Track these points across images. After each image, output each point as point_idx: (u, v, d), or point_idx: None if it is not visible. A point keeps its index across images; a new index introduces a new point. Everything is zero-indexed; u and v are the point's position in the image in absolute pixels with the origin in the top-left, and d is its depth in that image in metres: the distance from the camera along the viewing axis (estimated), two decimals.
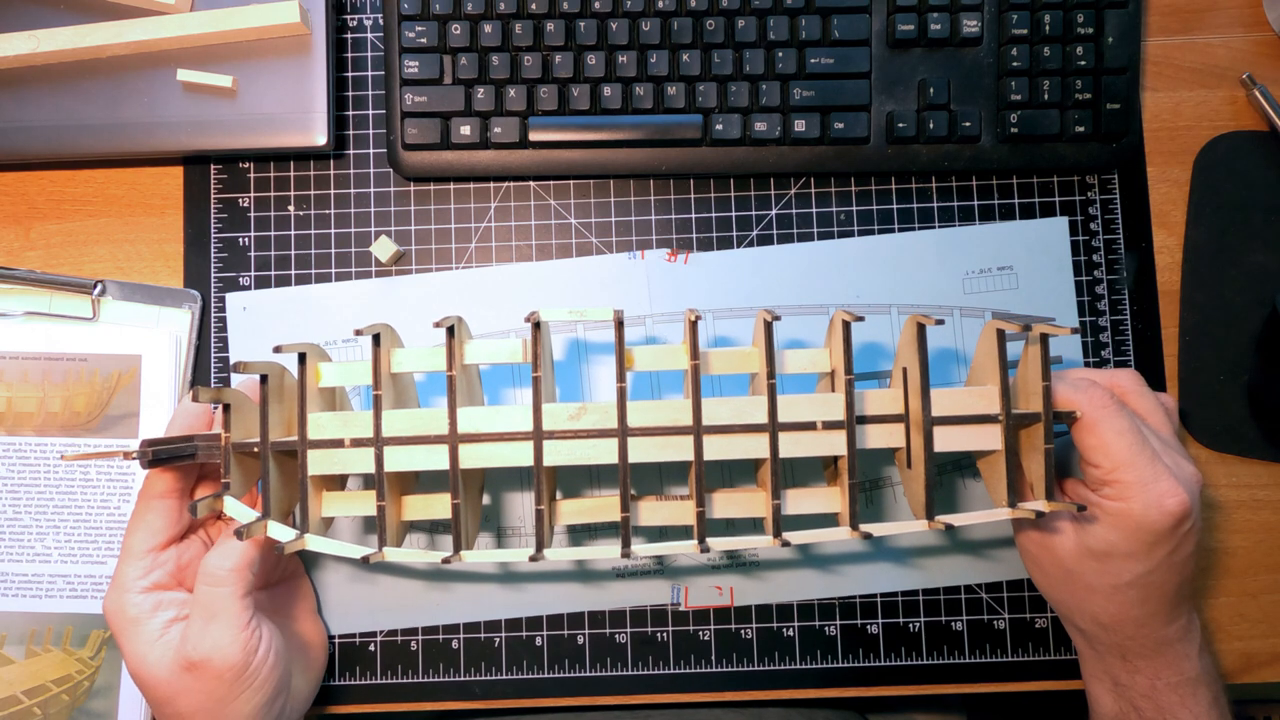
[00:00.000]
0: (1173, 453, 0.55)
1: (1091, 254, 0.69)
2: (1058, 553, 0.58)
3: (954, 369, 0.68)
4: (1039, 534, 0.59)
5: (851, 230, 0.70)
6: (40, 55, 0.66)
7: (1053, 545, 0.58)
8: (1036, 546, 0.59)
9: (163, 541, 0.56)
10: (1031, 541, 0.60)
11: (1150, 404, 0.58)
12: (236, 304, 0.69)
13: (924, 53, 0.68)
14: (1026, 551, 0.61)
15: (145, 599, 0.55)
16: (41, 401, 0.67)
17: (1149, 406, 0.58)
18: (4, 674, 0.66)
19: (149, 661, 0.54)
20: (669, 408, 0.55)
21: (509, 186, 0.70)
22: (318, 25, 0.68)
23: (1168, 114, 0.71)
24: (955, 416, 0.55)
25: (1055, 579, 0.59)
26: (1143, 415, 0.57)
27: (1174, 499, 0.52)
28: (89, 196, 0.70)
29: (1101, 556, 0.55)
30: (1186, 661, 0.57)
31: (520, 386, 0.69)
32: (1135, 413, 0.56)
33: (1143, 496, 0.52)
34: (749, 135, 0.67)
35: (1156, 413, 0.57)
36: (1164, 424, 0.57)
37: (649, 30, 0.67)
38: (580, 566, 0.67)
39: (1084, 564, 0.56)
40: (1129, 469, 0.53)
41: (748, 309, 0.69)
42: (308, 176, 0.70)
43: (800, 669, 0.67)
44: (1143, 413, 0.57)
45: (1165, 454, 0.55)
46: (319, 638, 0.66)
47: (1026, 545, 0.60)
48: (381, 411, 0.55)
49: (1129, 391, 0.58)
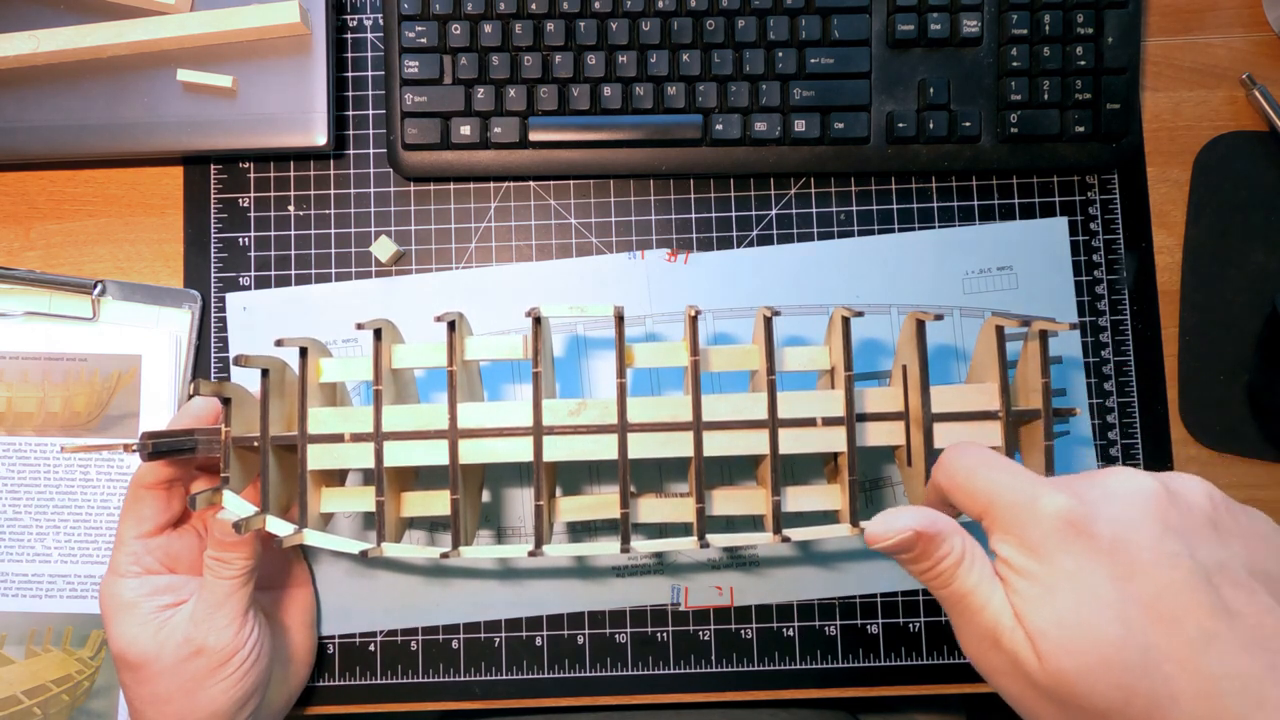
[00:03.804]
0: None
1: (1091, 254, 0.69)
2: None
3: (953, 367, 0.68)
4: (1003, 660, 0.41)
5: (851, 230, 0.70)
6: (40, 55, 0.66)
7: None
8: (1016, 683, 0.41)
9: (151, 529, 0.57)
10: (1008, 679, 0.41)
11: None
12: (236, 304, 0.69)
13: (924, 53, 0.68)
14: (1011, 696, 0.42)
15: (139, 583, 0.56)
16: (41, 401, 0.67)
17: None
18: (4, 674, 0.66)
19: (140, 642, 0.54)
20: (669, 404, 0.55)
21: (509, 186, 0.70)
22: (318, 25, 0.68)
23: (1168, 114, 0.71)
24: (955, 413, 0.55)
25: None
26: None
27: (1049, 499, 0.40)
28: (89, 196, 0.70)
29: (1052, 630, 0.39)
30: None
31: (520, 383, 0.69)
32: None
33: (1025, 515, 0.40)
34: (749, 135, 0.67)
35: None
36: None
37: (649, 30, 0.67)
38: (580, 564, 0.67)
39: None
40: (993, 489, 0.42)
41: (747, 308, 0.69)
42: (308, 176, 0.70)
43: (800, 669, 0.67)
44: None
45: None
46: (306, 654, 0.65)
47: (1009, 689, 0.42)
48: (382, 406, 0.55)
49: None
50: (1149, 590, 0.37)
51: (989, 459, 0.44)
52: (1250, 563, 0.38)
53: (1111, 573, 0.37)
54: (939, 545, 0.43)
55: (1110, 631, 0.37)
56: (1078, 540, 0.38)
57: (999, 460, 0.44)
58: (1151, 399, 0.69)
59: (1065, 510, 0.39)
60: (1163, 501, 0.39)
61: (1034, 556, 0.39)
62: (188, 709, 0.55)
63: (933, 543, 0.43)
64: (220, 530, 0.53)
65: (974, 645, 0.42)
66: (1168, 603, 0.36)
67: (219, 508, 0.54)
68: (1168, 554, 0.37)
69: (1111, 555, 0.38)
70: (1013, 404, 0.55)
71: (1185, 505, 0.39)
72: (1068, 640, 0.37)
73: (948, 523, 0.43)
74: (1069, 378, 0.68)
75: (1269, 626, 0.36)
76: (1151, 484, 0.40)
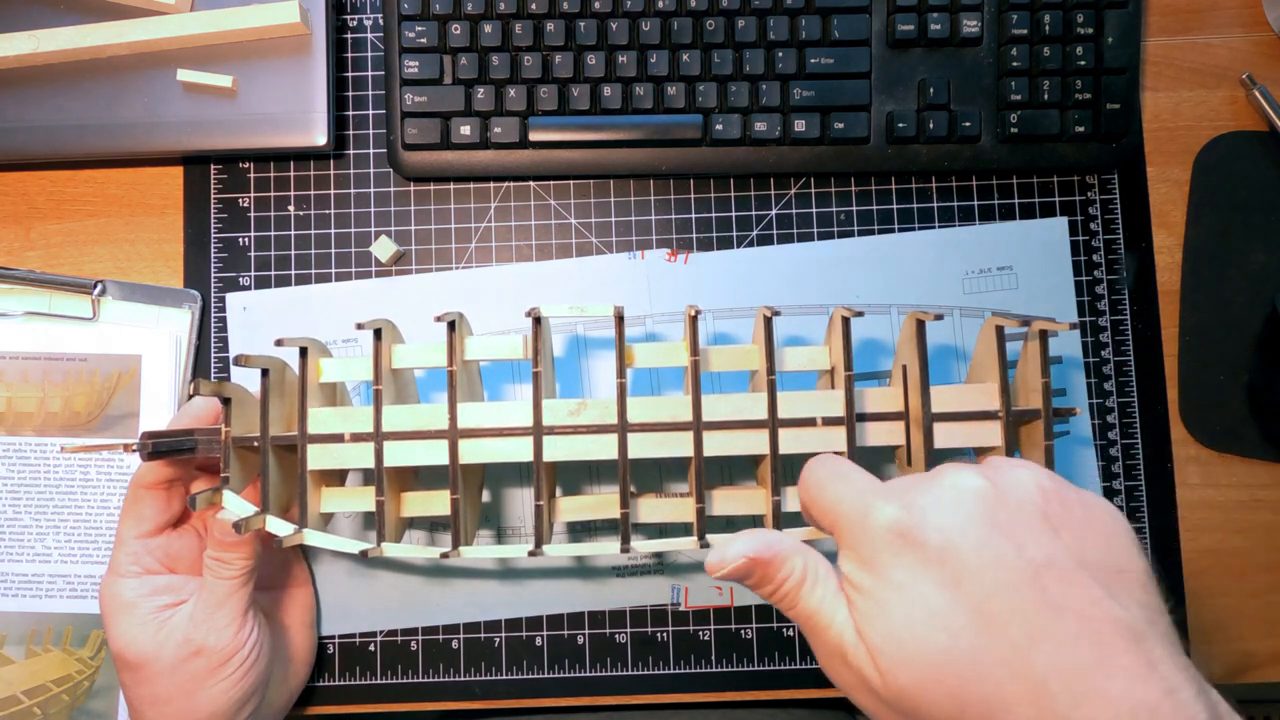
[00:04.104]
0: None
1: (1091, 254, 0.69)
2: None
3: (953, 367, 0.68)
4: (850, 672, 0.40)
5: (851, 230, 0.70)
6: (40, 55, 0.66)
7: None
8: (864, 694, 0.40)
9: (151, 529, 0.57)
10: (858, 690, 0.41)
11: None
12: (236, 304, 0.69)
13: (924, 53, 0.68)
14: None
15: (139, 583, 0.56)
16: (41, 401, 0.67)
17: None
18: (4, 674, 0.66)
19: (139, 642, 0.54)
20: (669, 404, 0.55)
21: (509, 186, 0.70)
22: (318, 25, 0.68)
23: (1168, 114, 0.71)
24: (955, 413, 0.55)
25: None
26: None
27: (878, 512, 0.39)
28: (89, 196, 0.70)
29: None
30: None
31: (520, 382, 0.69)
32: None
33: (859, 530, 0.40)
34: (749, 135, 0.67)
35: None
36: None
37: (649, 30, 0.67)
38: (580, 564, 0.67)
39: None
40: (836, 504, 0.42)
41: (747, 309, 0.69)
42: (308, 176, 0.70)
43: (800, 669, 0.67)
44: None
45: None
46: (306, 654, 0.65)
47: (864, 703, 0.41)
48: (382, 406, 0.55)
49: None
50: (976, 595, 0.36)
51: (836, 471, 0.43)
52: (1081, 553, 0.37)
53: (940, 581, 0.37)
54: (778, 568, 0.42)
55: (938, 641, 0.36)
56: (907, 551, 0.38)
57: (845, 471, 0.43)
58: (1151, 399, 0.69)
59: (894, 522, 0.39)
60: (990, 500, 0.38)
61: (869, 572, 0.39)
62: (187, 709, 0.55)
63: (770, 566, 0.42)
64: (220, 530, 0.53)
65: (826, 662, 0.42)
66: (994, 605, 0.36)
67: (219, 508, 0.54)
68: (994, 555, 0.37)
69: (940, 563, 0.37)
70: (1013, 404, 0.55)
71: (1014, 501, 0.39)
72: (901, 655, 0.37)
73: (787, 544, 0.43)
74: (1069, 378, 0.68)
75: (1096, 618, 0.35)
76: (979, 483, 0.39)
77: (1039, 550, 0.37)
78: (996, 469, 0.41)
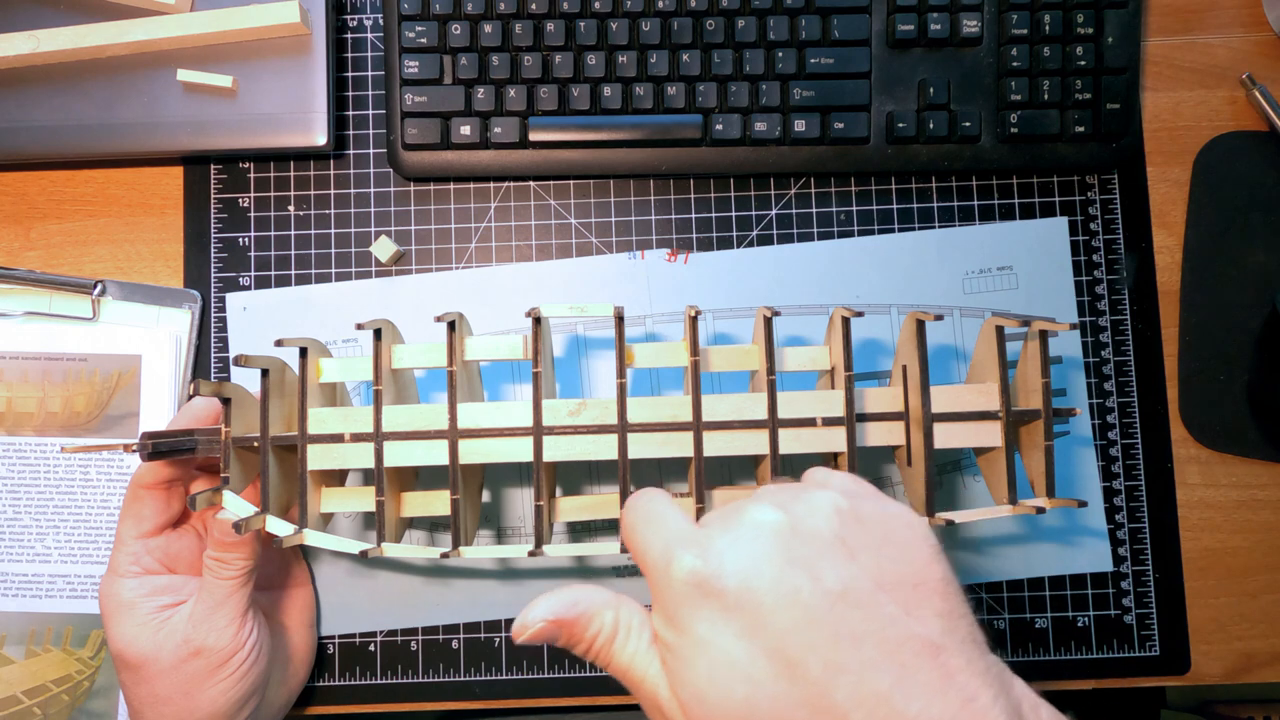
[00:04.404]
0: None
1: (1091, 254, 0.69)
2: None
3: (953, 367, 0.68)
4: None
5: (851, 230, 0.70)
6: (40, 55, 0.66)
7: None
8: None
9: (151, 529, 0.57)
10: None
11: None
12: (236, 304, 0.69)
13: (924, 53, 0.68)
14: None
15: (138, 584, 0.56)
16: (41, 401, 0.67)
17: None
18: (4, 674, 0.66)
19: (139, 642, 0.55)
20: (669, 404, 0.55)
21: (509, 186, 0.70)
22: (318, 25, 0.68)
23: (1168, 114, 0.71)
24: (955, 413, 0.55)
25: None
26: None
27: (677, 564, 0.37)
28: (89, 196, 0.70)
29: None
30: None
31: (520, 383, 0.69)
32: None
33: (663, 583, 0.38)
34: (749, 135, 0.67)
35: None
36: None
37: (649, 30, 0.67)
38: (580, 564, 0.67)
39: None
40: (644, 553, 0.40)
41: (747, 309, 0.69)
42: (308, 176, 0.70)
43: None
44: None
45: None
46: (305, 653, 0.65)
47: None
48: (382, 406, 0.55)
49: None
50: (774, 638, 0.35)
51: (648, 513, 0.41)
52: (879, 574, 0.37)
53: (740, 629, 0.35)
54: (584, 627, 0.40)
55: (740, 692, 0.35)
56: (707, 603, 0.36)
57: (657, 513, 0.41)
58: (1151, 399, 0.69)
59: (691, 574, 0.37)
60: (785, 535, 0.37)
61: (673, 628, 0.37)
62: (187, 709, 0.55)
63: (576, 626, 0.41)
64: (220, 530, 0.53)
65: (648, 713, 0.40)
66: (791, 644, 0.34)
67: (219, 508, 0.54)
68: (788, 592, 0.35)
69: (739, 609, 0.36)
70: (1013, 404, 0.55)
71: (808, 532, 0.38)
72: (707, 711, 0.36)
73: (596, 599, 0.41)
74: (1069, 378, 0.68)
75: (893, 639, 0.34)
76: (774, 518, 0.38)
77: (835, 579, 0.36)
78: (795, 496, 0.40)
